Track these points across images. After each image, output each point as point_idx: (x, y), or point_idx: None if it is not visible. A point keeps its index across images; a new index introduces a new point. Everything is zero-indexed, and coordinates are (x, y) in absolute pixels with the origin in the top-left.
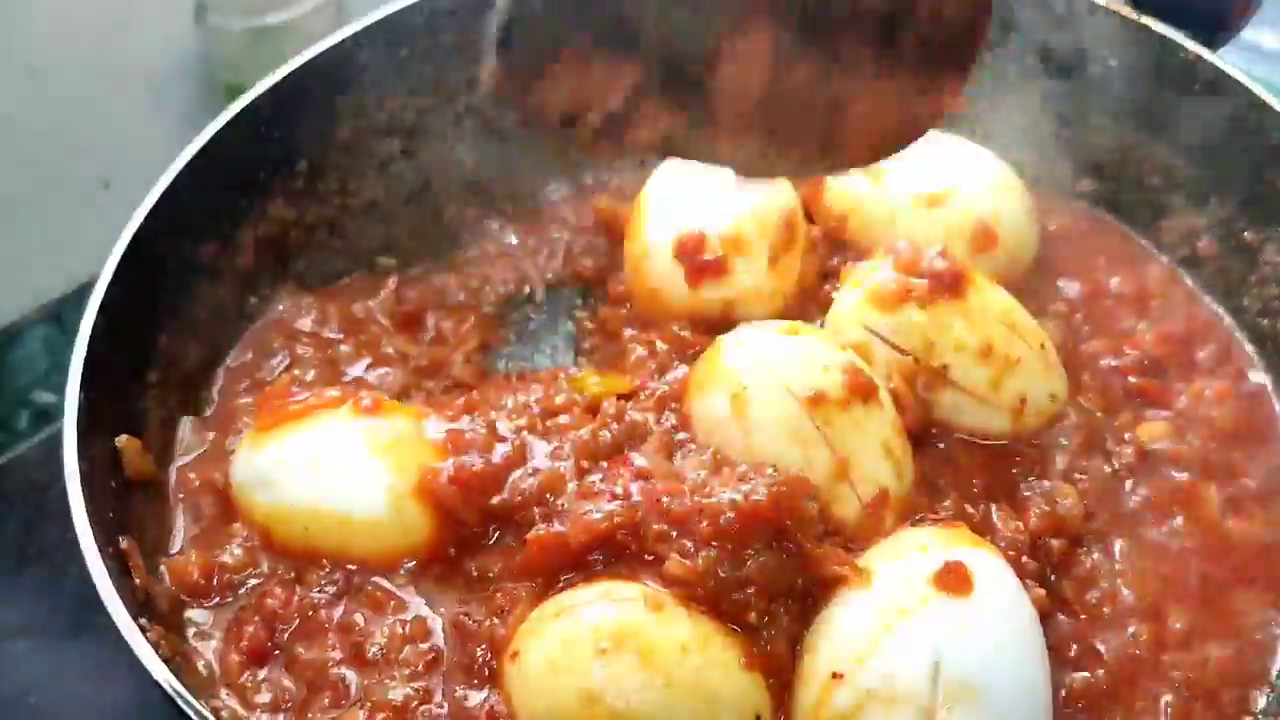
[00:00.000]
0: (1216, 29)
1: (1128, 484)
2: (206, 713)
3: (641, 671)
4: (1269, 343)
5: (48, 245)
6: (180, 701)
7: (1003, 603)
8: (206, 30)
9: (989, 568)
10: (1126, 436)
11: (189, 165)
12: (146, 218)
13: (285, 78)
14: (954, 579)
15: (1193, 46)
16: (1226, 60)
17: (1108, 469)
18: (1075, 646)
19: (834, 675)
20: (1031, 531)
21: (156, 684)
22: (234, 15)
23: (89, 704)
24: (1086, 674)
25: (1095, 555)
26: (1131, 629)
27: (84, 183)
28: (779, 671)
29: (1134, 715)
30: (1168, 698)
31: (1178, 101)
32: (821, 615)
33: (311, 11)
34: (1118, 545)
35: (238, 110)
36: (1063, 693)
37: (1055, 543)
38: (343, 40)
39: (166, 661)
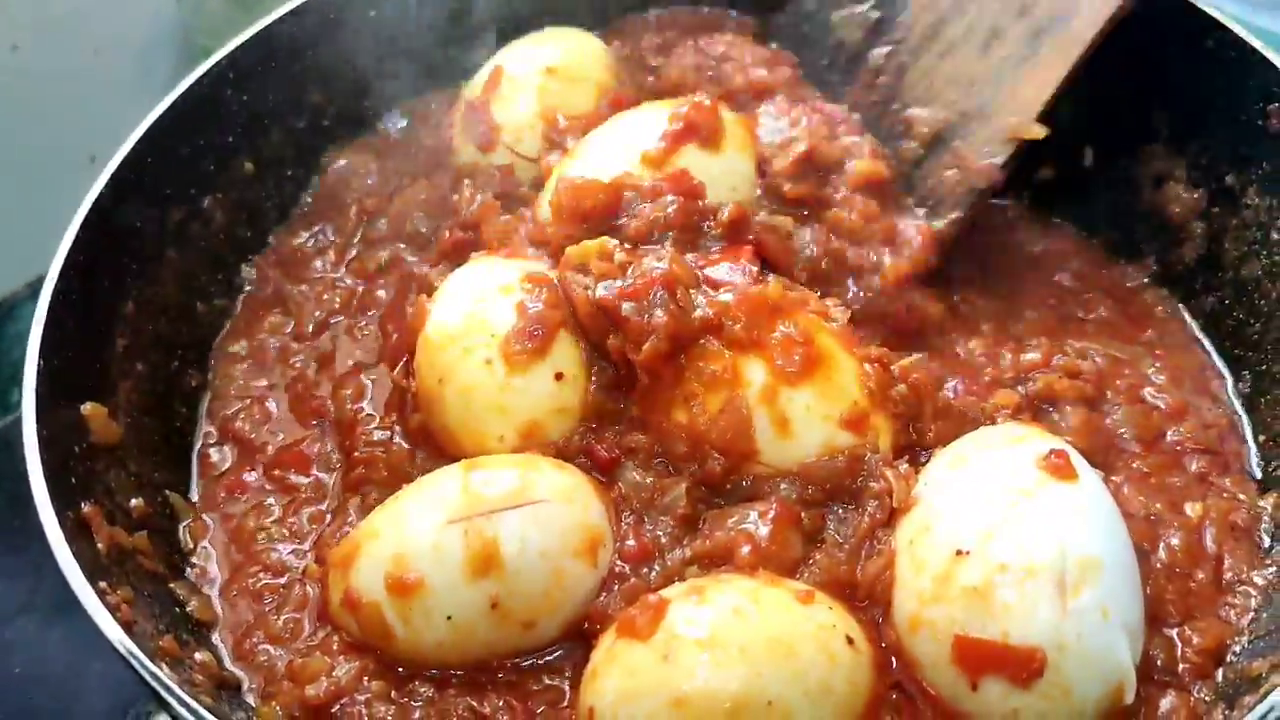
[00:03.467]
0: None
1: None
2: (161, 673)
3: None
4: None
5: (36, 221)
6: (135, 662)
7: (1098, 486)
8: (187, 1)
9: (1075, 455)
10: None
11: (150, 131)
12: (108, 184)
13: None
14: (1062, 466)
15: None
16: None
17: None
18: None
19: (958, 553)
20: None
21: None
22: None
23: (75, 674)
24: None
25: None
26: None
27: (70, 157)
28: (845, 586)
29: None
30: None
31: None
32: (919, 503)
33: None
34: None
35: (200, 74)
36: None
37: None
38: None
39: (127, 626)
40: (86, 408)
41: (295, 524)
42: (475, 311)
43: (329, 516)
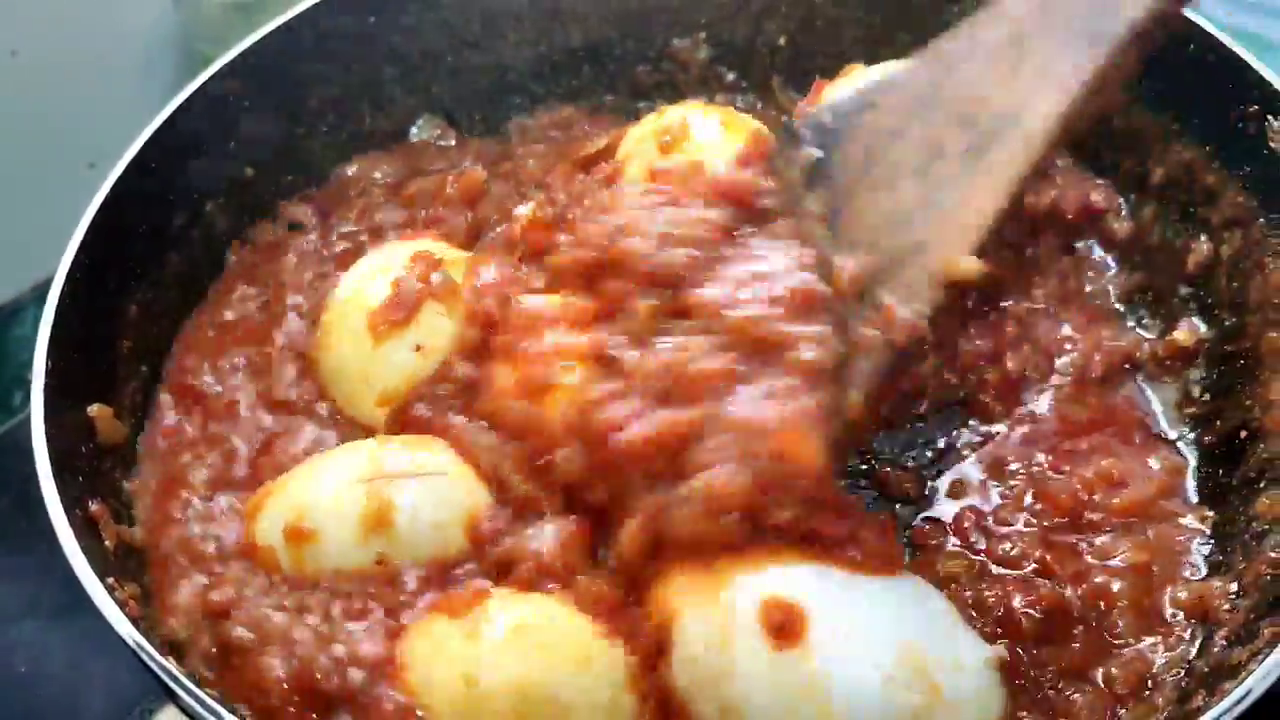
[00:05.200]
0: None
1: None
2: (174, 668)
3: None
4: None
5: (36, 227)
6: (144, 656)
7: (837, 624)
8: (185, 8)
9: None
10: None
11: (152, 137)
12: (113, 187)
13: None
14: (784, 626)
15: None
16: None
17: None
18: None
19: None
20: None
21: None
22: None
23: (79, 674)
24: None
25: None
26: None
27: (70, 163)
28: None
29: None
30: None
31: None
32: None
33: None
34: None
35: (204, 80)
36: None
37: None
38: (308, 9)
39: (135, 621)
40: (93, 409)
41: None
42: (361, 287)
43: None
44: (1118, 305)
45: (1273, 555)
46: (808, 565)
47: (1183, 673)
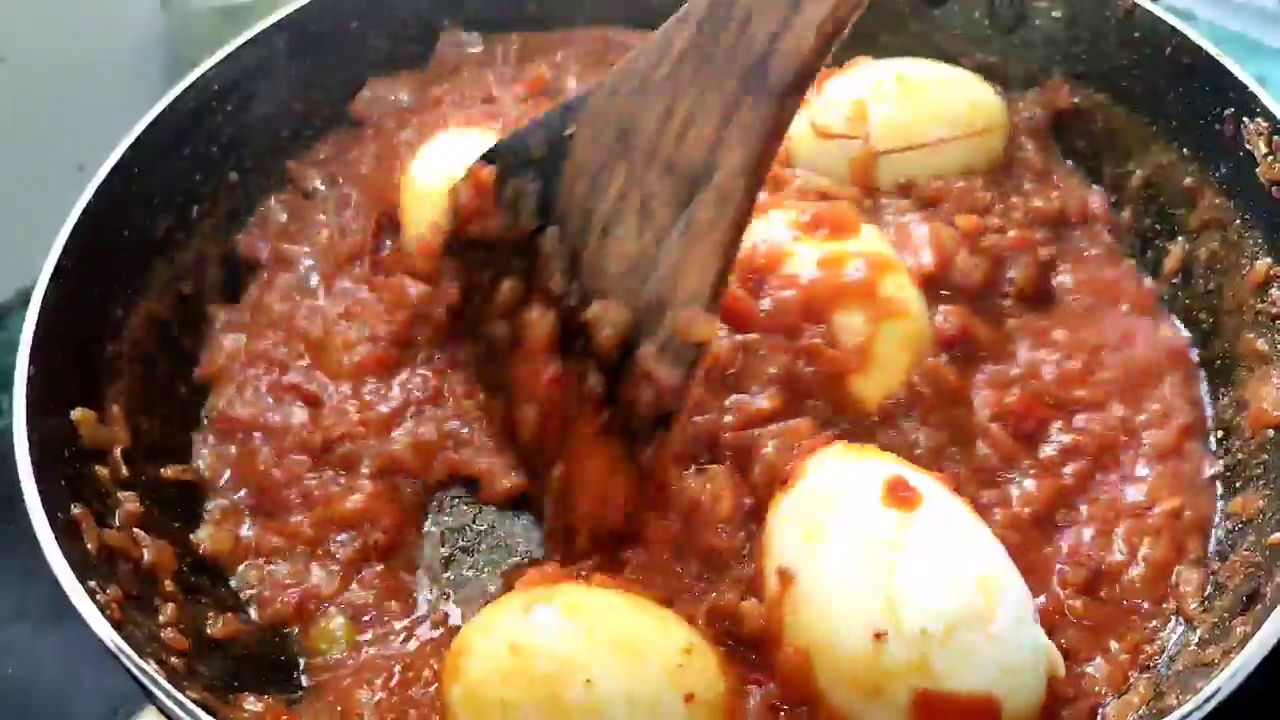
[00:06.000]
0: None
1: None
2: (150, 669)
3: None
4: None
5: (26, 231)
6: (123, 658)
7: (942, 496)
8: (173, 12)
9: (911, 474)
10: None
11: (137, 141)
12: (96, 193)
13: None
14: (907, 497)
15: None
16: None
17: None
18: None
19: (876, 636)
20: None
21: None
22: None
23: (68, 677)
24: None
25: None
26: None
27: (59, 167)
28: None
29: None
30: None
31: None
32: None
33: None
34: None
35: (186, 85)
36: None
37: None
38: (290, 14)
39: (117, 625)
40: (76, 413)
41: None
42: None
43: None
44: None
45: (1246, 554)
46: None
47: (1159, 669)
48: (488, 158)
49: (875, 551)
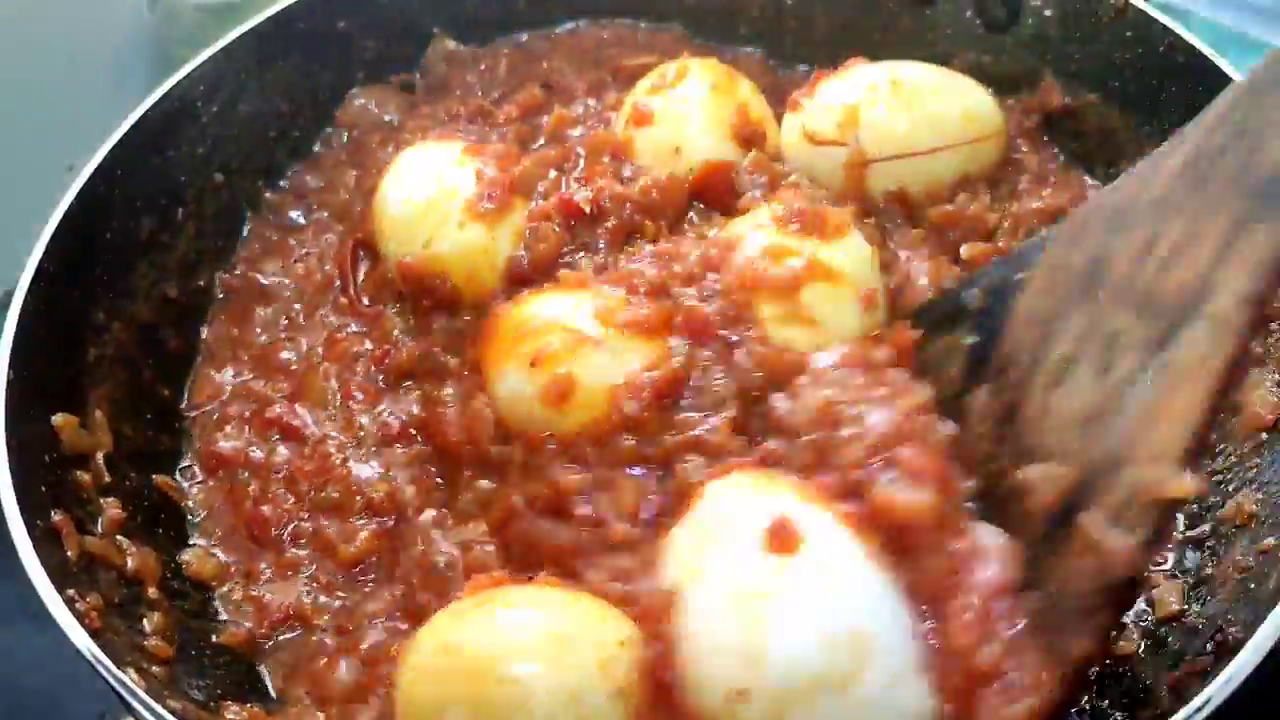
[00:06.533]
0: None
1: None
2: (127, 679)
3: None
4: None
5: (13, 230)
6: (100, 667)
7: (827, 541)
8: (162, 11)
9: (800, 511)
10: None
11: (121, 141)
12: (79, 194)
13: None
14: (785, 538)
15: None
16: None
17: None
18: None
19: (738, 693)
20: None
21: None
22: None
23: (59, 680)
24: None
25: None
26: None
27: (46, 166)
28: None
29: None
30: None
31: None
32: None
33: None
34: None
35: (172, 84)
36: None
37: None
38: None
39: (95, 634)
40: (57, 418)
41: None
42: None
43: None
44: None
45: (1239, 559)
46: None
47: (1150, 673)
48: (917, 317)
49: (745, 601)
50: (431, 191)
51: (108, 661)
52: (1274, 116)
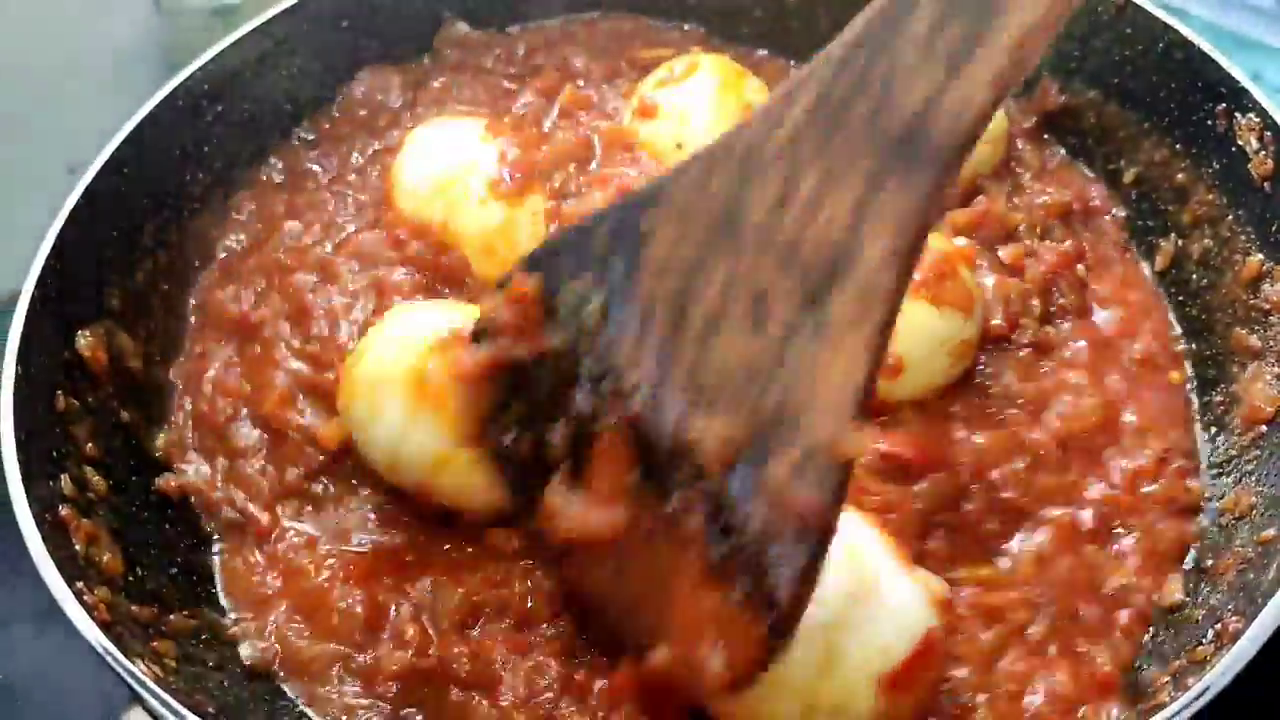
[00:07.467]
0: None
1: None
2: (139, 672)
3: None
4: None
5: (15, 232)
6: (111, 661)
7: None
8: (166, 13)
9: None
10: None
11: (126, 141)
12: (84, 194)
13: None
14: None
15: None
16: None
17: None
18: None
19: None
20: None
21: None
22: None
23: (64, 680)
24: None
25: None
26: None
27: (49, 168)
28: None
29: None
30: None
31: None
32: None
33: None
34: None
35: (176, 85)
36: None
37: None
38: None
39: (105, 627)
40: (61, 404)
41: None
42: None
43: None
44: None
45: (1239, 550)
46: None
47: (1152, 666)
48: (530, 264)
49: None
50: (453, 164)
51: (118, 653)
52: (900, 63)
